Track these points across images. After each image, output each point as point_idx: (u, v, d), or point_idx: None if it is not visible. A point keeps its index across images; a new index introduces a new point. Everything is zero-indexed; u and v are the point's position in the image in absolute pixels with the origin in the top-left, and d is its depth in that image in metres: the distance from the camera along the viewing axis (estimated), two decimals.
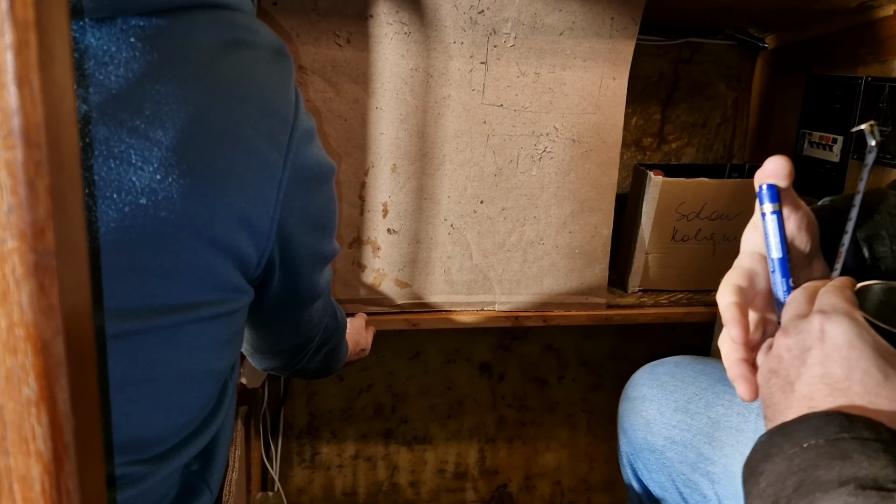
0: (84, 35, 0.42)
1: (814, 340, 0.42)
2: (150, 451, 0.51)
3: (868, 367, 0.40)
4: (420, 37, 1.05)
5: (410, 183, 1.11)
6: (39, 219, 0.24)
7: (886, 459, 0.35)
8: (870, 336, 0.42)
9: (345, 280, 1.14)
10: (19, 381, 0.26)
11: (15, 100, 0.23)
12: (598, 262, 1.20)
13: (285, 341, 0.75)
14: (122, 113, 0.43)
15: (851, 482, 0.34)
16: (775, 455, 0.39)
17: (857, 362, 0.40)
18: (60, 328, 0.26)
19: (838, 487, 0.34)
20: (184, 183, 0.46)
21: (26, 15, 0.22)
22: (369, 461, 1.53)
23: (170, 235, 0.46)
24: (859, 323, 0.42)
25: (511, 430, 1.58)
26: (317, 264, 0.66)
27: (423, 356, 1.50)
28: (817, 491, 0.35)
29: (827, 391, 0.40)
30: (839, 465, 0.35)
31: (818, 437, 0.38)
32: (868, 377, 0.40)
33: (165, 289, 0.47)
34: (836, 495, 0.34)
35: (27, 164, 0.23)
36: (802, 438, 0.38)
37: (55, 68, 0.24)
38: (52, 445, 0.26)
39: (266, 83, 0.52)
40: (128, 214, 0.44)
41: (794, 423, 0.40)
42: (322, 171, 0.60)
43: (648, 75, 1.42)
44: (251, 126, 0.50)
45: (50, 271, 0.25)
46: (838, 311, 0.43)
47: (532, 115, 1.12)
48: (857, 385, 0.40)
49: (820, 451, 0.37)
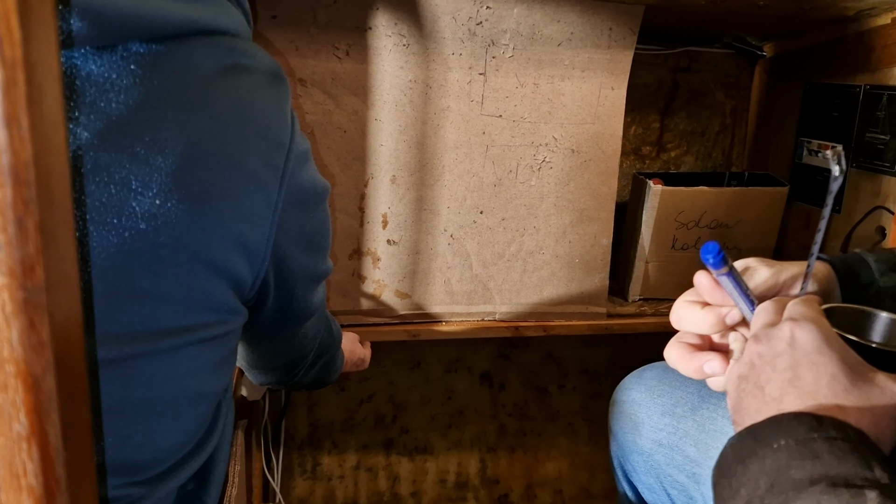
0: (86, 63, 0.43)
1: (784, 346, 0.43)
2: (147, 473, 0.51)
3: (836, 373, 0.41)
4: (419, 48, 1.05)
5: (410, 194, 1.11)
6: (29, 256, 0.24)
7: (854, 458, 0.36)
8: (837, 343, 0.43)
9: (345, 291, 1.14)
10: (10, 416, 0.26)
11: (4, 139, 0.23)
12: (597, 271, 1.20)
13: (280, 358, 0.76)
14: (124, 139, 0.44)
15: (822, 481, 0.35)
16: (746, 457, 0.40)
17: (825, 367, 0.42)
18: (51, 364, 0.26)
19: (810, 486, 0.35)
20: (182, 208, 0.46)
21: (14, 54, 0.22)
22: (370, 471, 1.53)
23: (168, 259, 0.47)
24: (828, 330, 0.44)
25: (512, 439, 1.58)
26: (311, 283, 0.66)
27: (423, 366, 1.50)
28: (791, 490, 0.36)
29: (796, 394, 0.41)
30: (810, 464, 0.36)
31: (788, 438, 0.38)
32: (836, 381, 0.41)
33: (164, 312, 0.48)
34: (808, 494, 0.35)
35: (16, 202, 0.23)
36: (773, 440, 0.39)
37: (44, 105, 0.24)
38: (43, 481, 0.26)
39: (263, 107, 0.52)
40: (128, 239, 0.45)
41: (765, 425, 0.41)
42: (317, 193, 0.60)
43: (647, 84, 1.42)
44: (249, 150, 0.51)
45: (40, 308, 0.25)
46: (807, 319, 0.44)
47: (531, 125, 1.12)
48: (825, 388, 0.41)
49: (791, 451, 0.38)
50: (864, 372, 0.42)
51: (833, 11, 1.12)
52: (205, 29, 0.49)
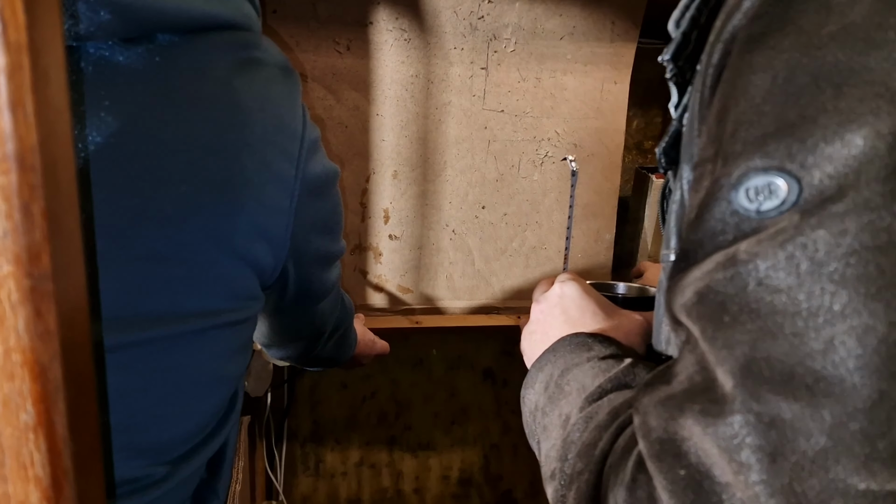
0: (114, 54, 0.45)
1: (556, 300, 0.57)
2: (171, 453, 0.53)
3: (595, 309, 0.55)
4: (420, 43, 1.05)
5: (412, 189, 1.11)
6: (35, 243, 0.24)
7: (616, 345, 0.50)
8: (594, 294, 0.57)
9: (347, 286, 1.13)
10: (17, 406, 0.25)
11: (9, 124, 0.22)
12: (600, 266, 1.20)
13: (302, 332, 0.79)
14: (150, 130, 0.46)
15: (595, 358, 0.48)
16: (541, 367, 0.51)
17: (587, 307, 0.56)
18: (58, 352, 0.25)
19: (587, 362, 0.47)
20: (207, 197, 0.48)
21: (19, 38, 0.22)
22: (373, 468, 1.53)
23: (193, 246, 0.49)
24: (587, 286, 0.58)
25: (515, 436, 1.57)
26: (327, 264, 0.69)
27: (426, 363, 1.50)
28: (574, 368, 0.48)
29: (569, 328, 0.54)
30: (586, 352, 0.49)
31: (569, 345, 0.51)
32: (596, 315, 0.55)
33: (189, 297, 0.50)
34: (587, 366, 0.47)
35: (22, 188, 0.23)
36: (558, 355, 0.51)
37: (50, 91, 0.24)
38: (50, 471, 0.26)
39: (278, 100, 0.54)
40: (154, 226, 0.47)
41: (549, 349, 0.52)
42: (329, 178, 0.62)
43: (650, 78, 1.42)
44: (266, 141, 0.52)
45: (47, 296, 0.24)
46: (570, 280, 0.58)
47: (533, 120, 1.11)
48: (589, 320, 0.54)
49: (572, 348, 0.50)
50: (615, 309, 0.57)
51: None
52: (222, 23, 0.50)
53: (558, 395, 0.47)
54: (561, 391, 0.47)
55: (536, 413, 0.50)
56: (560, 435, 0.45)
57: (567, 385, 0.47)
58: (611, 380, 0.45)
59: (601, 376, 0.45)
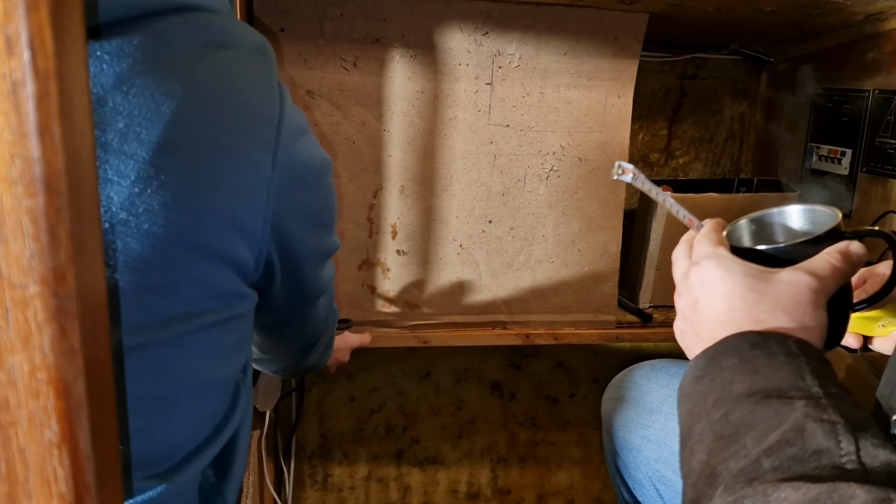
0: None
1: (697, 291, 0.49)
2: (163, 465, 0.51)
3: (744, 293, 0.46)
4: (426, 59, 1.06)
5: (419, 204, 1.11)
6: (60, 264, 0.24)
7: (789, 371, 0.41)
8: (736, 266, 0.48)
9: (354, 302, 1.14)
10: (41, 423, 0.26)
11: (37, 149, 0.23)
12: (607, 279, 1.20)
13: (297, 341, 0.75)
14: (103, 132, 0.42)
15: (758, 393, 0.40)
16: (700, 377, 0.45)
17: (732, 292, 0.47)
18: (81, 370, 0.26)
19: (747, 398, 0.41)
20: (165, 194, 0.45)
21: (48, 66, 0.23)
22: (381, 482, 1.52)
23: (157, 248, 0.45)
24: (725, 259, 0.49)
25: (523, 449, 1.57)
26: (319, 261, 0.65)
27: (433, 376, 1.50)
28: (730, 403, 0.41)
29: (721, 329, 0.46)
30: (750, 378, 0.42)
31: (734, 357, 0.44)
32: (745, 301, 0.46)
33: (161, 303, 0.47)
34: (744, 405, 0.40)
35: (48, 210, 0.24)
36: (722, 359, 0.44)
37: (75, 115, 0.24)
38: (73, 487, 0.27)
39: (246, 83, 0.50)
40: (108, 231, 0.43)
41: (715, 346, 0.46)
42: (316, 168, 0.58)
43: (654, 91, 1.43)
44: (234, 129, 0.49)
45: (71, 315, 0.25)
46: (706, 257, 0.50)
47: (538, 134, 1.12)
48: (738, 311, 0.46)
49: (735, 368, 0.43)
50: (767, 277, 0.47)
51: (841, 16, 1.12)
52: (176, 5, 0.46)
53: (727, 432, 0.41)
54: (732, 430, 0.40)
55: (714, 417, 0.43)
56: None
57: (730, 425, 0.40)
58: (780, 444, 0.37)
59: (769, 435, 0.38)
